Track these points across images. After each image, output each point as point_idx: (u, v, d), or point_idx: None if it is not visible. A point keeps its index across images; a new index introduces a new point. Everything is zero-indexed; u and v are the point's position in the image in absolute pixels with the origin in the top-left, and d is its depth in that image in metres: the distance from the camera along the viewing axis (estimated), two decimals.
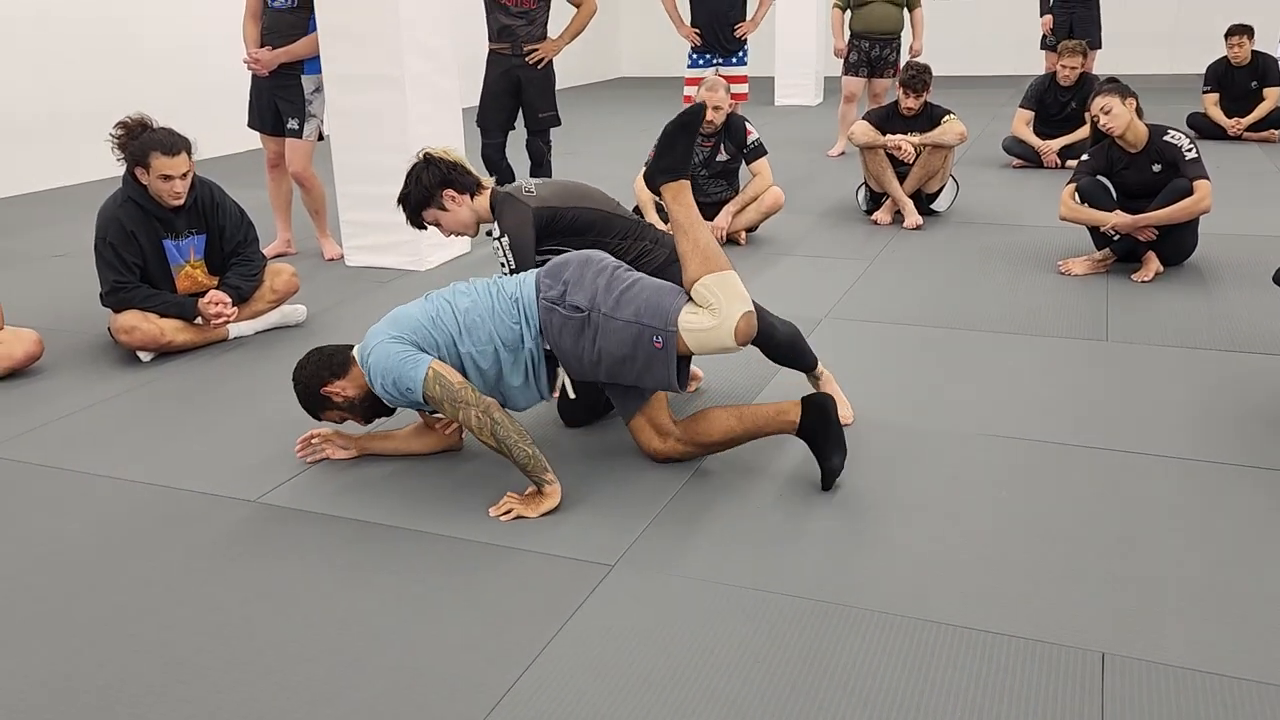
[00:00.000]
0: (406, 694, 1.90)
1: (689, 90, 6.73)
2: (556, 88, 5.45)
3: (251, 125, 5.03)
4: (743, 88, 6.70)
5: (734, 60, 6.69)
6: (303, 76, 4.88)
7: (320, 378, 2.68)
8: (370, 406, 2.72)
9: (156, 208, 3.66)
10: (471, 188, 3.04)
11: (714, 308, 2.51)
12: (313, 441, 2.86)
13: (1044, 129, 6.98)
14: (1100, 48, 8.25)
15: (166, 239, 3.73)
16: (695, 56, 6.73)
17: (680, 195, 2.67)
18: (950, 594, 2.16)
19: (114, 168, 3.72)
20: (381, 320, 2.64)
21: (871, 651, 1.99)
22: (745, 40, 6.72)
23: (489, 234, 3.00)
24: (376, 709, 1.86)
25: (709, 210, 5.23)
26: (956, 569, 2.26)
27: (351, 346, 2.72)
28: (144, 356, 3.72)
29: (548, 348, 2.63)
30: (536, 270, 2.68)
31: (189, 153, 3.62)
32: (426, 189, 2.99)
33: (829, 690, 1.88)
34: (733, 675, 1.93)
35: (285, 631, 2.10)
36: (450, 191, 3.00)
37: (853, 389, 3.28)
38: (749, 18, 6.69)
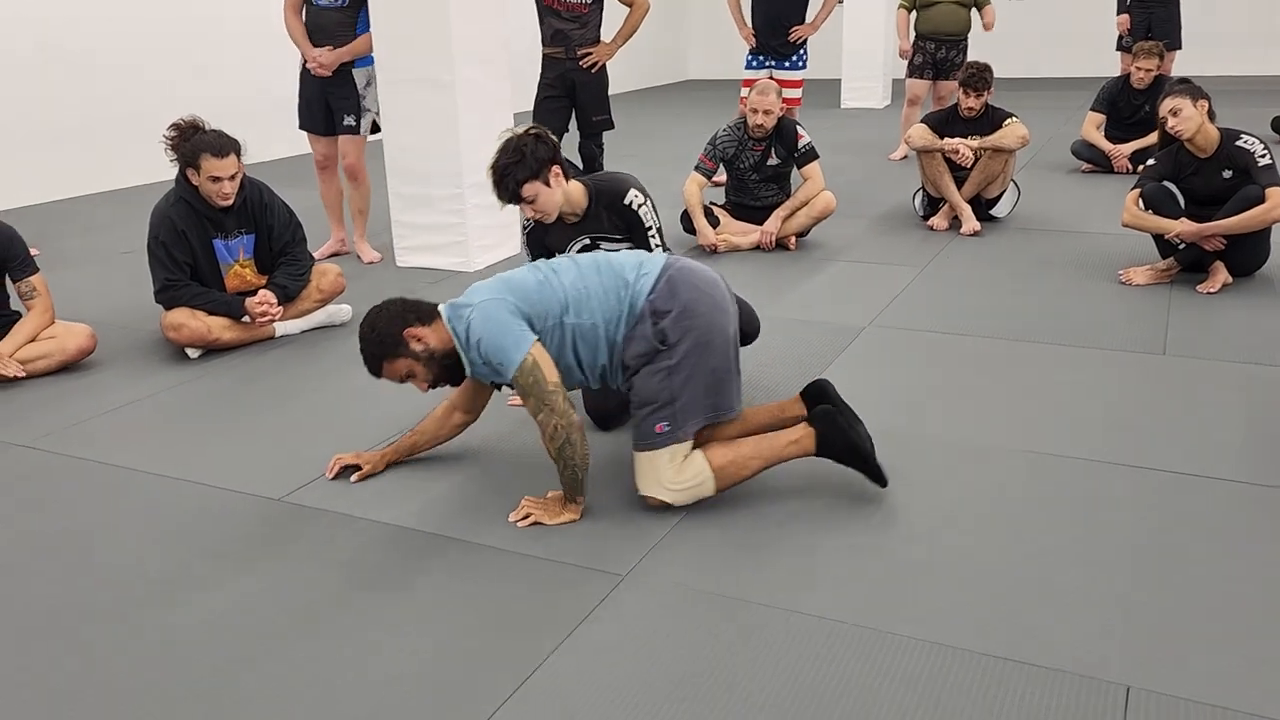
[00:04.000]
0: (402, 699, 1.89)
1: (745, 92, 6.66)
2: (623, 90, 5.45)
3: (303, 127, 5.09)
4: (796, 92, 6.59)
5: (788, 64, 6.59)
6: (354, 70, 4.94)
7: (404, 319, 2.46)
8: (445, 368, 2.50)
9: (207, 208, 3.74)
10: (568, 171, 3.01)
11: (699, 476, 2.47)
12: (343, 463, 2.80)
13: (1116, 133, 6.75)
14: (1179, 49, 7.96)
15: (216, 238, 3.81)
16: (751, 58, 6.68)
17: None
18: (971, 617, 2.08)
19: (170, 170, 3.81)
20: (489, 279, 2.51)
21: (885, 675, 1.92)
22: (804, 44, 6.62)
23: (628, 203, 3.05)
24: (374, 714, 1.85)
25: (759, 214, 5.17)
26: (980, 591, 2.17)
27: (430, 304, 2.54)
28: (192, 353, 3.80)
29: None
30: (661, 265, 2.52)
31: (238, 154, 3.68)
32: (539, 162, 2.86)
33: (838, 714, 1.82)
34: (736, 693, 1.88)
35: (287, 631, 2.11)
36: (557, 169, 2.93)
37: (892, 400, 3.20)
38: (809, 20, 6.59)
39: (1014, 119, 5.32)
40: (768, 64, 6.61)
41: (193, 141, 3.64)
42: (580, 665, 1.97)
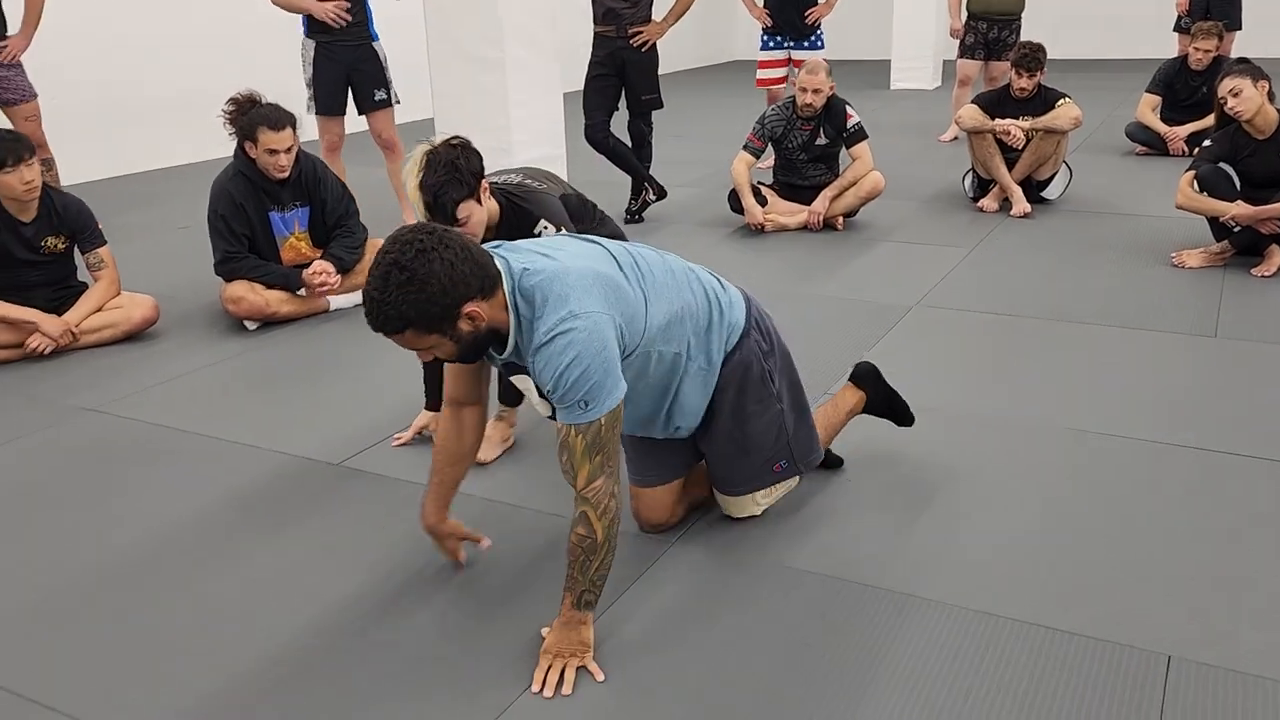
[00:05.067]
0: (420, 678, 1.97)
1: (762, 74, 6.60)
2: (670, 70, 5.46)
3: (322, 111, 5.06)
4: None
5: (807, 44, 6.49)
6: (373, 44, 5.02)
7: (468, 286, 1.74)
8: (483, 343, 1.86)
9: (264, 180, 3.83)
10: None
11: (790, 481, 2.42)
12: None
13: (1172, 115, 6.64)
14: (1239, 29, 7.78)
15: (273, 211, 3.91)
16: (767, 39, 6.53)
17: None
18: (1016, 588, 2.11)
19: (224, 147, 3.91)
20: (576, 258, 1.89)
21: (931, 643, 1.95)
22: (819, 25, 6.52)
23: (537, 233, 2.62)
24: (419, 669, 1.93)
25: (807, 194, 5.17)
26: (1025, 563, 2.20)
27: (491, 257, 1.85)
28: (250, 325, 3.91)
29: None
30: (740, 291, 2.26)
31: (293, 128, 3.77)
32: (474, 177, 2.51)
33: (882, 678, 1.87)
34: (777, 659, 1.93)
35: (342, 587, 2.19)
36: (486, 183, 2.58)
37: (940, 377, 3.22)
38: (821, 1, 6.47)
39: (1067, 100, 5.26)
40: (785, 44, 6.51)
41: (250, 115, 3.74)
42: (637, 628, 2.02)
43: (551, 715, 1.80)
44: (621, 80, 5.38)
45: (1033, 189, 5.39)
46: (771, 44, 6.56)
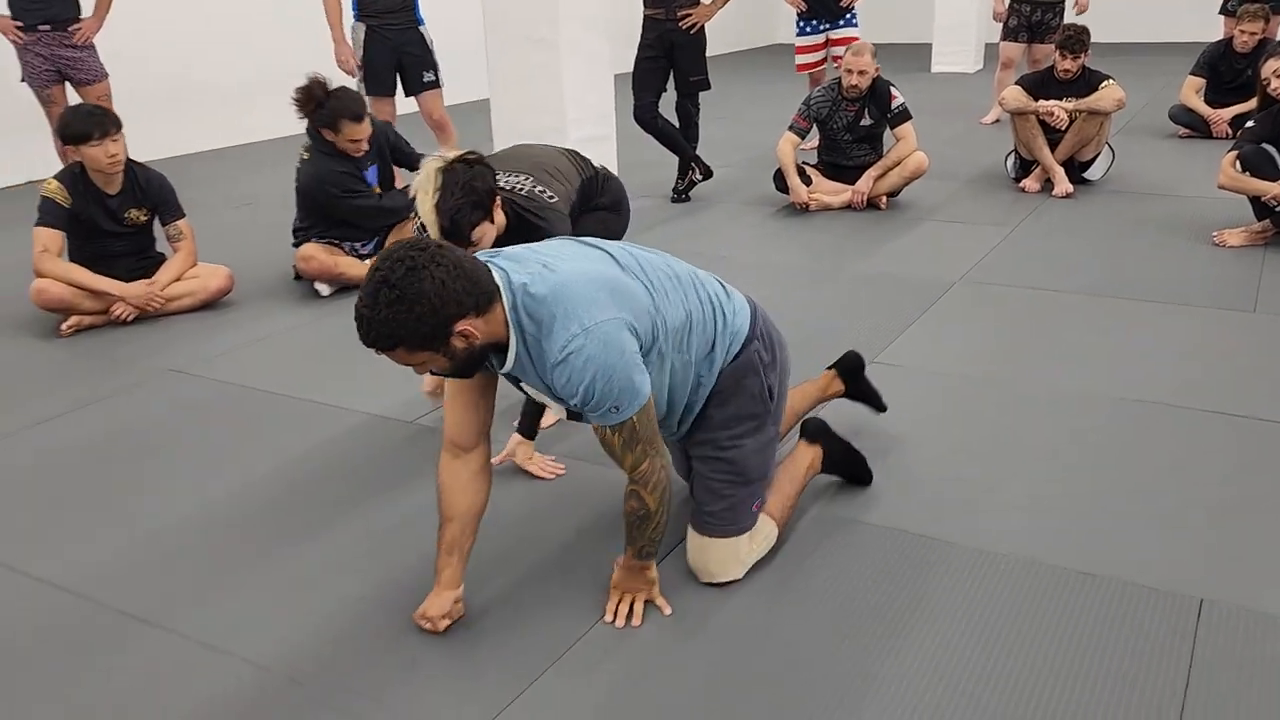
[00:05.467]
0: (499, 622, 2.14)
1: (801, 59, 6.68)
2: (712, 54, 5.57)
3: (371, 92, 5.23)
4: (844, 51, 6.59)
5: (842, 22, 6.55)
6: (420, 28, 5.20)
7: (460, 305, 1.70)
8: (478, 359, 1.82)
9: (343, 156, 4.01)
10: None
11: (769, 536, 2.22)
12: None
13: (1216, 98, 6.65)
14: None
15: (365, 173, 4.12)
16: (803, 24, 6.61)
17: None
18: (1057, 538, 2.24)
19: (286, 129, 4.09)
20: (575, 261, 1.86)
21: (979, 586, 2.10)
22: (853, 5, 6.56)
23: None
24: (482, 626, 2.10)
25: (851, 174, 5.28)
26: (1068, 516, 2.33)
27: (488, 265, 1.81)
28: (323, 290, 4.11)
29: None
30: (744, 297, 2.16)
31: (370, 116, 3.96)
32: (489, 196, 2.42)
33: (921, 621, 2.01)
34: (826, 601, 2.08)
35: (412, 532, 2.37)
36: (498, 199, 2.49)
37: (982, 350, 3.34)
38: None
39: (1111, 81, 5.31)
40: (821, 27, 6.57)
41: (331, 107, 3.87)
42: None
43: (623, 641, 1.96)
44: (670, 62, 5.50)
45: (1075, 170, 5.46)
46: (808, 29, 6.64)
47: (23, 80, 5.43)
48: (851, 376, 2.72)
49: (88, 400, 3.21)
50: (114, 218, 3.84)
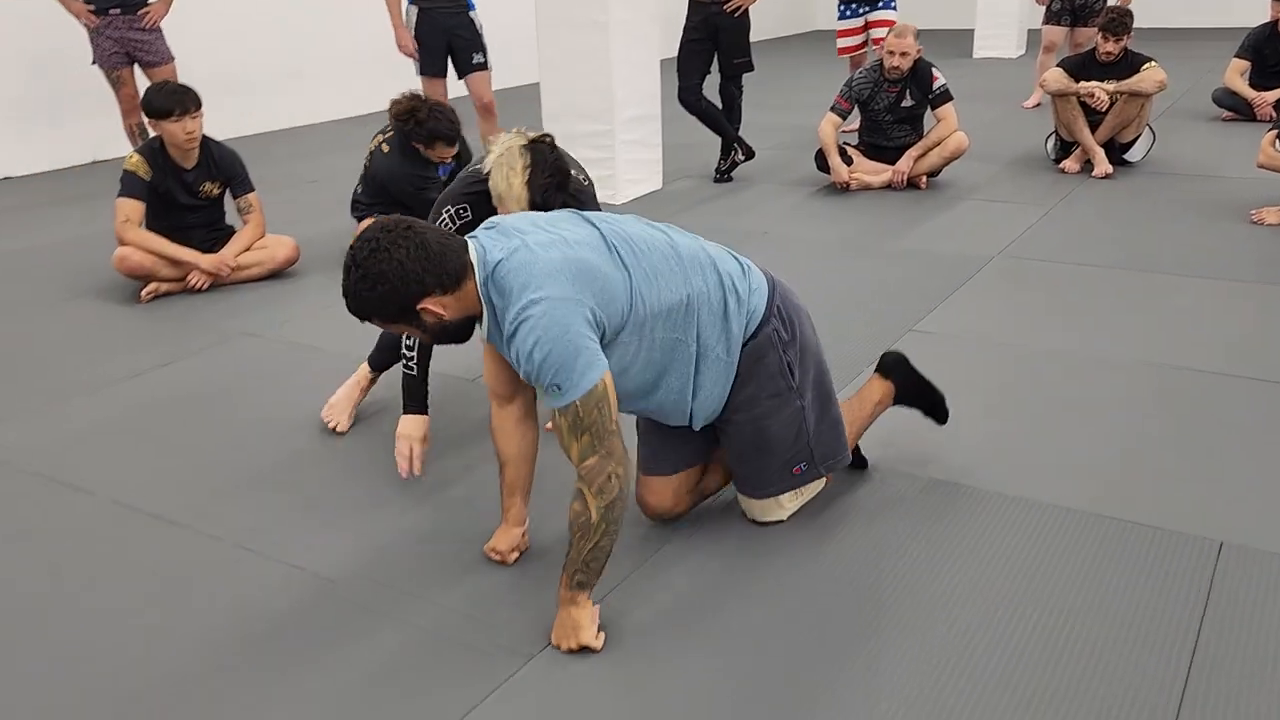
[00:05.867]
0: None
1: (842, 42, 6.78)
2: (753, 39, 5.70)
3: (424, 72, 5.44)
4: (884, 32, 6.66)
5: (881, 6, 6.64)
6: (470, 13, 5.40)
7: (422, 285, 1.79)
8: (457, 329, 1.90)
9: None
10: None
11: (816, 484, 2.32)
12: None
13: (1260, 80, 6.66)
14: None
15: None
16: (844, 7, 6.70)
17: None
18: (1086, 485, 2.37)
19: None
20: (552, 247, 1.86)
21: (1008, 528, 2.24)
22: None
23: None
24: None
25: (892, 155, 5.39)
26: (1097, 464, 2.46)
27: (464, 243, 1.88)
28: None
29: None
30: (766, 276, 2.16)
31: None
32: (566, 178, 2.46)
33: (948, 562, 2.16)
34: (839, 543, 2.23)
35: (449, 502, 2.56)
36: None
37: (1018, 319, 3.46)
38: None
39: (1153, 63, 5.37)
40: (861, 11, 6.67)
41: (430, 128, 3.93)
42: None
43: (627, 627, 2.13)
44: (714, 45, 5.64)
45: (1115, 151, 5.52)
46: (848, 12, 6.74)
47: (94, 62, 5.67)
48: (899, 374, 2.50)
49: (171, 359, 3.43)
50: (189, 190, 4.05)
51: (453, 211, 2.57)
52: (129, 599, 2.13)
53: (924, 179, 5.35)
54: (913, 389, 2.50)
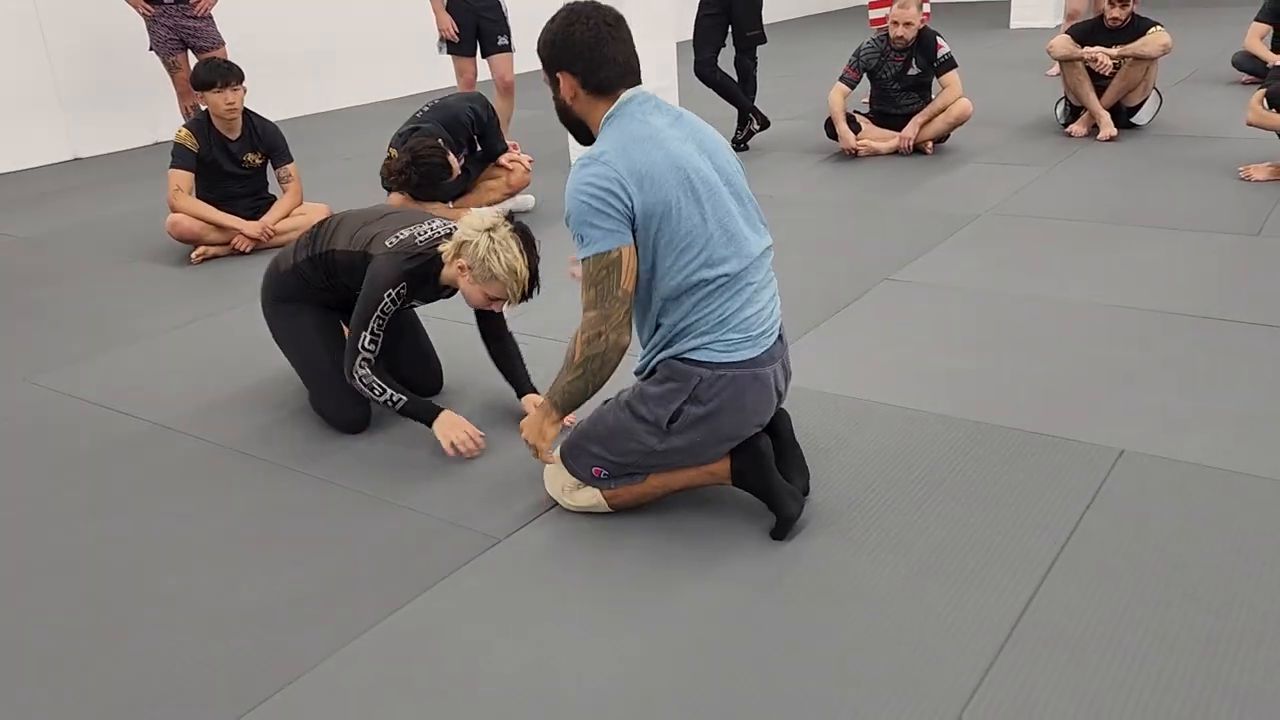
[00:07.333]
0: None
1: (874, 14, 6.97)
2: (785, 18, 5.93)
3: (453, 51, 5.83)
4: (925, 7, 6.85)
5: None
6: None
7: (569, 61, 2.08)
8: (574, 124, 2.17)
9: None
10: None
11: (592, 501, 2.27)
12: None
13: None
14: None
15: None
16: None
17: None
18: (1002, 403, 2.62)
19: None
20: (636, 120, 2.04)
21: (933, 443, 2.50)
22: None
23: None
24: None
25: (900, 122, 5.59)
26: (1017, 387, 2.71)
27: (624, 76, 2.10)
28: None
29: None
30: (758, 372, 2.13)
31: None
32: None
33: (840, 470, 2.43)
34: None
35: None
36: None
37: (989, 268, 3.68)
38: None
39: (1158, 27, 5.47)
40: None
41: (428, 179, 4.21)
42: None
43: None
44: (728, 19, 5.88)
45: (1123, 115, 5.65)
46: None
47: (150, 49, 6.11)
48: (748, 462, 2.19)
49: (216, 311, 3.83)
50: (234, 160, 4.44)
51: (393, 295, 2.54)
52: (173, 500, 2.51)
53: (930, 144, 5.54)
54: (757, 485, 2.19)
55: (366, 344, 2.56)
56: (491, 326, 2.80)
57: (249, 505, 2.44)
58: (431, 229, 2.66)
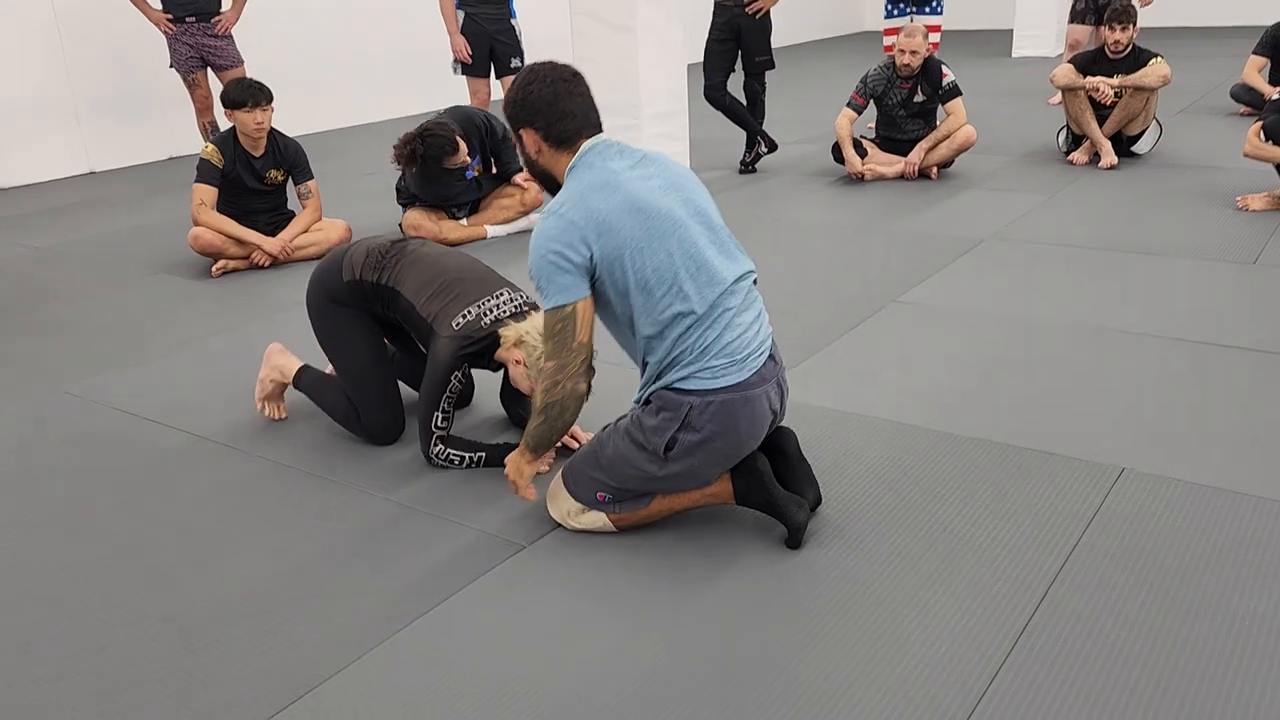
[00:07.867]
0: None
1: (888, 40, 7.13)
2: (799, 41, 6.06)
3: (468, 71, 5.97)
4: (935, 37, 7.02)
5: (928, 9, 7.01)
6: (512, 20, 5.90)
7: (531, 119, 2.17)
8: (542, 177, 2.27)
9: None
10: None
11: (597, 523, 2.33)
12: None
13: (1278, 77, 6.82)
14: None
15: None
16: (890, 7, 7.13)
17: None
18: (1002, 421, 2.71)
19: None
20: (594, 169, 2.14)
21: (947, 460, 2.59)
22: None
23: None
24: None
25: (905, 147, 5.71)
26: (1033, 402, 2.80)
27: (588, 128, 2.20)
28: None
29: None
30: (750, 396, 2.17)
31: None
32: None
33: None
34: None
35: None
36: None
37: (1001, 294, 3.79)
38: None
39: (1159, 59, 5.61)
40: (908, 11, 7.05)
41: (432, 154, 4.43)
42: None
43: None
44: (738, 44, 6.01)
45: (1124, 144, 5.78)
46: (895, 12, 7.15)
47: (171, 66, 6.24)
48: (749, 473, 2.25)
49: (236, 325, 3.92)
50: (257, 176, 4.55)
51: (458, 375, 2.61)
52: (194, 505, 2.59)
53: (935, 170, 5.66)
54: (761, 500, 2.25)
55: (439, 423, 2.63)
56: (517, 392, 2.85)
57: (291, 517, 2.52)
58: (498, 305, 2.67)
